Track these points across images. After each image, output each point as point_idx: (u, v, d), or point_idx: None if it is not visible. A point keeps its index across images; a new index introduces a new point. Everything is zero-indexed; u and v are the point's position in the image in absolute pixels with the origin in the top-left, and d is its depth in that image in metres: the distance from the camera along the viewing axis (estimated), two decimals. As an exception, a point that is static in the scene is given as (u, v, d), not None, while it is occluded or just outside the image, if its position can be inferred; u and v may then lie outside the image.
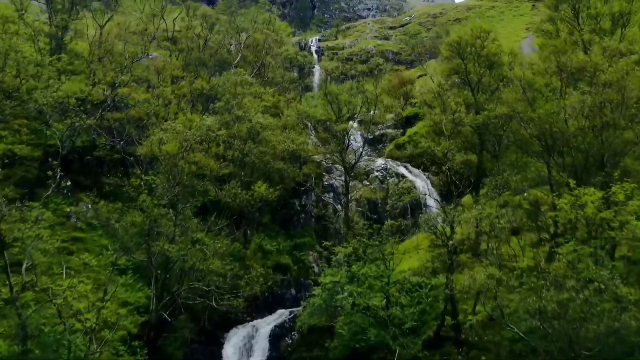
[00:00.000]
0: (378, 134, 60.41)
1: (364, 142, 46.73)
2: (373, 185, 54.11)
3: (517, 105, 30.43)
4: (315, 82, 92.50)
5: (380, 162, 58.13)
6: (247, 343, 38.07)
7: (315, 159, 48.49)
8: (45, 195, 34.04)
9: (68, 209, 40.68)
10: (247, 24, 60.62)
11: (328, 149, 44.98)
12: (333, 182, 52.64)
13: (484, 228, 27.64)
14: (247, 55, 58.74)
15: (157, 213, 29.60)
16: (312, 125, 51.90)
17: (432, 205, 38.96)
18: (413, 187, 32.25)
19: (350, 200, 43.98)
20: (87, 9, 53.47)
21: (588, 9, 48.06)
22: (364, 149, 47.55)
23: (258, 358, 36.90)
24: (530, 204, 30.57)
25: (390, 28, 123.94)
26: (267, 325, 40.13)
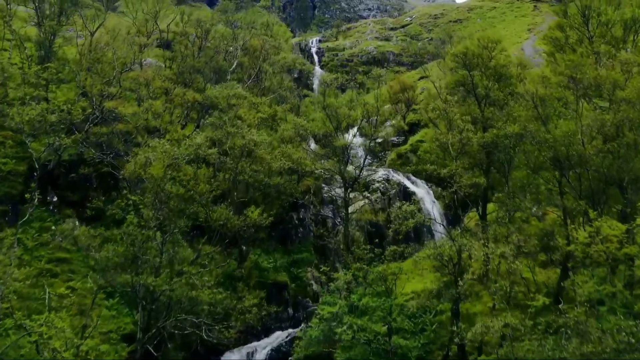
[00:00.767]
0: (380, 141, 58.36)
1: (365, 157, 44.53)
2: (374, 197, 52.18)
3: (529, 124, 28.33)
4: (315, 84, 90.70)
5: (382, 172, 56.04)
6: (242, 369, 36.17)
7: (315, 172, 46.43)
8: (21, 221, 31.74)
9: (53, 227, 38.80)
10: (243, 30, 58.52)
11: (327, 165, 42.86)
12: (333, 193, 50.61)
13: (495, 266, 25.48)
14: (243, 62, 56.64)
15: (141, 238, 27.54)
16: (311, 135, 49.92)
17: (437, 227, 36.88)
18: (417, 210, 30.11)
19: (350, 219, 41.86)
20: (78, 14, 51.41)
21: (599, 16, 46.20)
22: (365, 160, 45.39)
23: (253, 386, 35.03)
24: (542, 228, 28.40)
25: (391, 29, 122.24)
26: (262, 350, 38.23)
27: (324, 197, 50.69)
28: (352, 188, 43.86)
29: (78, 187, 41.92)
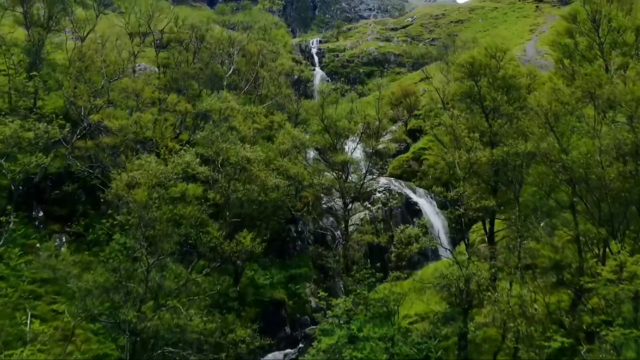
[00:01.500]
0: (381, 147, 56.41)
1: (365, 173, 42.51)
2: (375, 208, 50.23)
3: (542, 143, 26.36)
4: (316, 85, 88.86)
5: (383, 181, 54.11)
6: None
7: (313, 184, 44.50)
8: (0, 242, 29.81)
9: (37, 244, 36.85)
10: (240, 33, 56.60)
11: (326, 181, 40.90)
12: (332, 204, 48.68)
13: (515, 310, 23.46)
14: (240, 67, 54.65)
15: (124, 266, 25.64)
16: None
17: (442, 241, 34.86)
18: (421, 234, 28.18)
19: (350, 236, 39.92)
20: (67, 19, 49.44)
21: (609, 22, 44.26)
22: (366, 176, 43.42)
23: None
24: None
25: (392, 29, 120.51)
26: (257, 373, 36.39)
27: (323, 207, 48.83)
28: (352, 203, 41.85)
29: (65, 201, 39.87)
